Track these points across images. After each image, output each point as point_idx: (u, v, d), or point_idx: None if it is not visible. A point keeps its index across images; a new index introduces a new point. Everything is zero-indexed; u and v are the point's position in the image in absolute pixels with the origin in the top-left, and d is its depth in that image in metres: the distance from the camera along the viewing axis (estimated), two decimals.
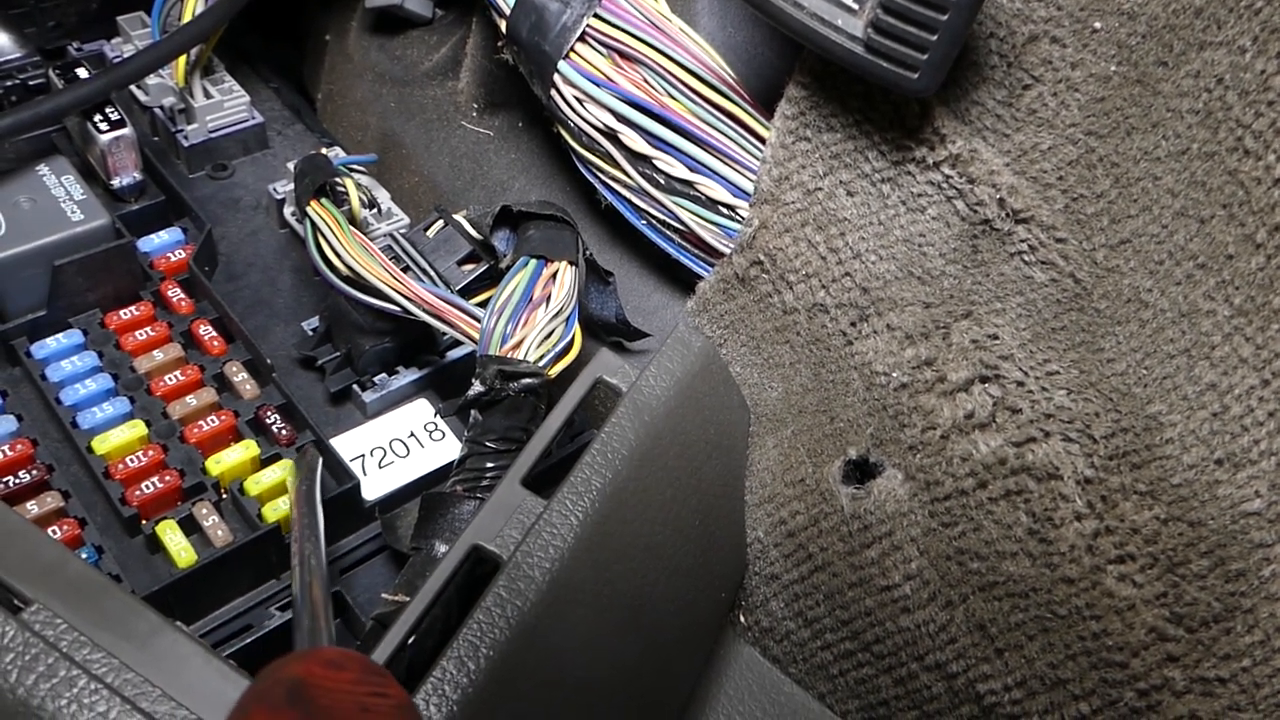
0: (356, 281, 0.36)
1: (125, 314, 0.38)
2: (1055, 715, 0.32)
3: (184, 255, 0.41)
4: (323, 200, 0.37)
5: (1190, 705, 0.30)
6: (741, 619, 0.39)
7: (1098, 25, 0.32)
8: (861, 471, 0.35)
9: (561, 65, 0.39)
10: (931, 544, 0.33)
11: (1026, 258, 0.34)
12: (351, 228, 0.36)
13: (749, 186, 0.38)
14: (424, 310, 0.35)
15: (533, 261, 0.36)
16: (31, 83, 0.42)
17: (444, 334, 0.37)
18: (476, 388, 0.33)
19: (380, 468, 0.37)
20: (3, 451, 0.34)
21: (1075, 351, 0.33)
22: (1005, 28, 0.33)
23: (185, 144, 0.45)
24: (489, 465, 0.33)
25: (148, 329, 0.38)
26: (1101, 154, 0.33)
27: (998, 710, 0.33)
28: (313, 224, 0.36)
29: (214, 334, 0.38)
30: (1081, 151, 0.33)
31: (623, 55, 0.39)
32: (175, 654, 0.26)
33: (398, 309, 0.35)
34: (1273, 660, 0.29)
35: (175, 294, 0.39)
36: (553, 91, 0.40)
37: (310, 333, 0.40)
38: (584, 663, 0.31)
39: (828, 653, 0.37)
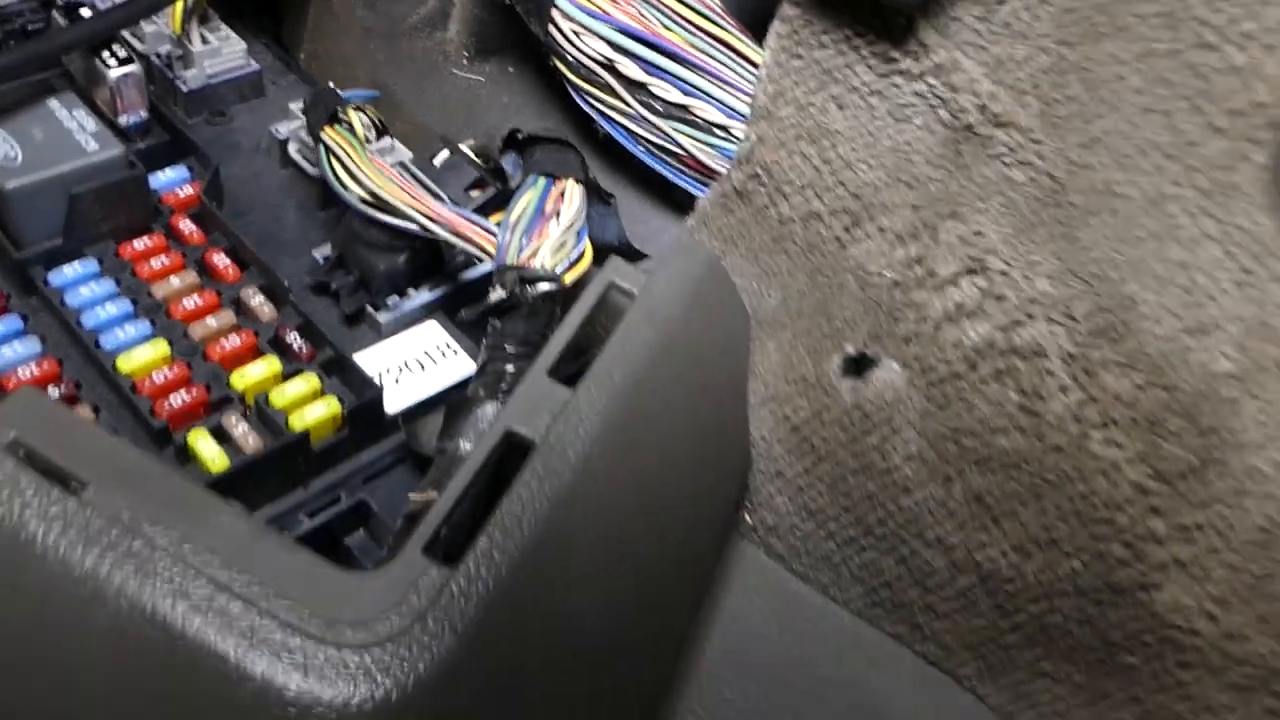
0: (373, 202, 0.37)
1: (139, 244, 0.39)
2: (1048, 573, 0.34)
3: (191, 191, 0.41)
4: (336, 126, 0.38)
5: (1172, 551, 0.33)
6: (747, 518, 0.41)
7: None
8: (859, 365, 0.37)
9: (559, 1, 0.41)
10: (928, 426, 0.36)
11: (1006, 159, 0.36)
12: (366, 151, 0.38)
13: (741, 108, 0.40)
14: (442, 227, 0.37)
15: (542, 179, 0.38)
16: (30, 27, 0.43)
17: (459, 251, 0.38)
18: (497, 294, 0.35)
19: (397, 383, 0.38)
20: (30, 370, 0.34)
21: (1054, 243, 0.36)
22: None
23: (184, 89, 0.46)
24: (509, 368, 0.35)
25: (162, 257, 0.39)
26: (1072, 60, 0.35)
27: (995, 575, 0.35)
28: (328, 149, 0.38)
29: (228, 262, 0.39)
30: (1054, 59, 0.36)
31: None
32: (234, 528, 0.27)
33: (416, 226, 0.37)
34: (1244, 503, 0.32)
35: (186, 226, 0.40)
36: (550, 27, 0.42)
37: (321, 261, 0.41)
38: (609, 547, 0.32)
39: (830, 542, 0.39)
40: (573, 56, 0.42)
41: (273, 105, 0.48)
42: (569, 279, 0.36)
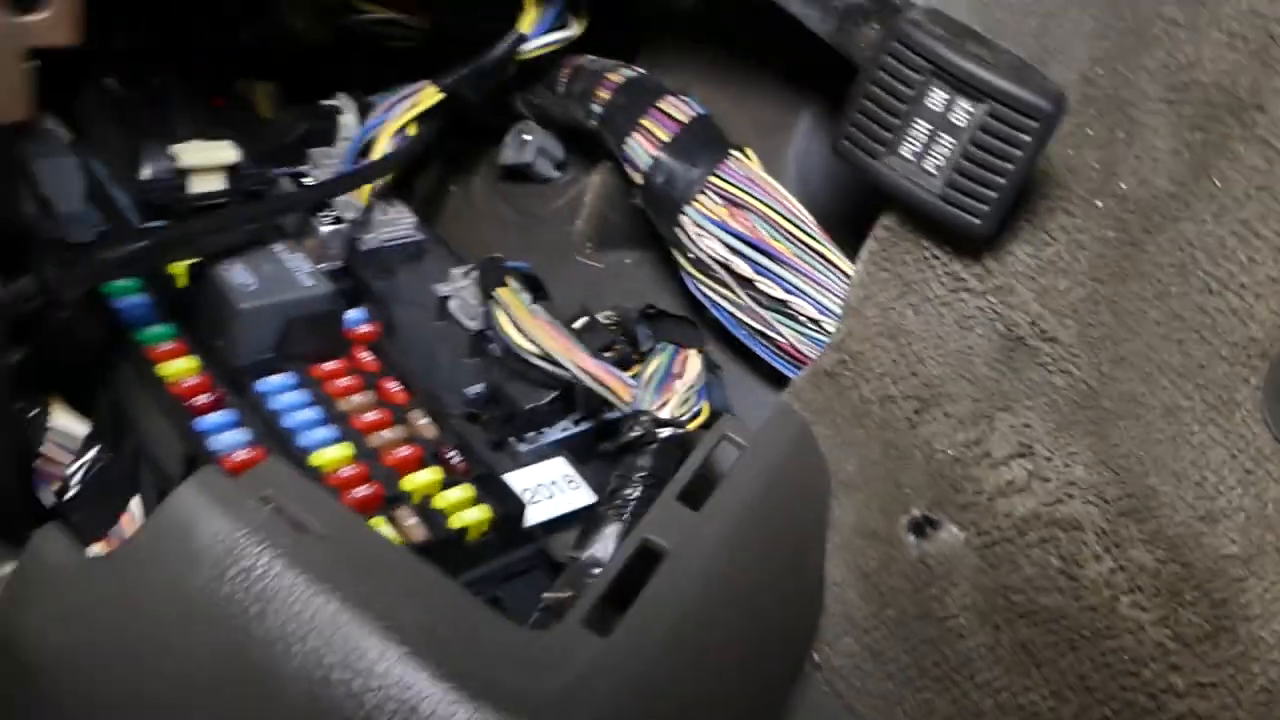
0: (532, 351, 0.45)
1: (328, 366, 0.47)
2: (1083, 717, 0.40)
3: (369, 329, 0.50)
4: (505, 288, 0.47)
5: (1190, 704, 0.38)
6: (815, 656, 0.46)
7: (1099, 204, 0.45)
8: (923, 526, 0.44)
9: (687, 208, 0.51)
10: (981, 581, 0.42)
11: (1050, 367, 0.45)
12: (532, 307, 0.46)
13: (831, 306, 0.49)
14: (588, 375, 0.45)
15: (670, 346, 0.46)
16: (252, 187, 0.53)
17: (590, 400, 0.46)
18: (633, 433, 0.43)
19: (531, 504, 0.45)
20: (244, 454, 0.42)
21: (1089, 438, 0.43)
22: (1031, 202, 0.46)
23: (361, 249, 0.55)
24: (636, 495, 0.42)
25: (346, 379, 0.47)
26: (1104, 294, 0.44)
27: (1036, 715, 0.41)
28: (500, 303, 0.46)
29: (398, 388, 0.47)
30: (1089, 291, 0.45)
31: (734, 204, 0.51)
32: (437, 580, 0.33)
33: (568, 373, 0.45)
34: (1250, 666, 0.38)
35: (365, 356, 0.48)
36: (676, 229, 0.51)
37: (473, 396, 0.49)
38: (717, 650, 0.38)
39: (890, 682, 0.44)
40: (693, 254, 0.51)
41: (429, 269, 0.57)
42: (692, 426, 0.43)
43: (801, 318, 0.49)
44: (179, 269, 0.47)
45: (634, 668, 0.33)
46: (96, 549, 0.40)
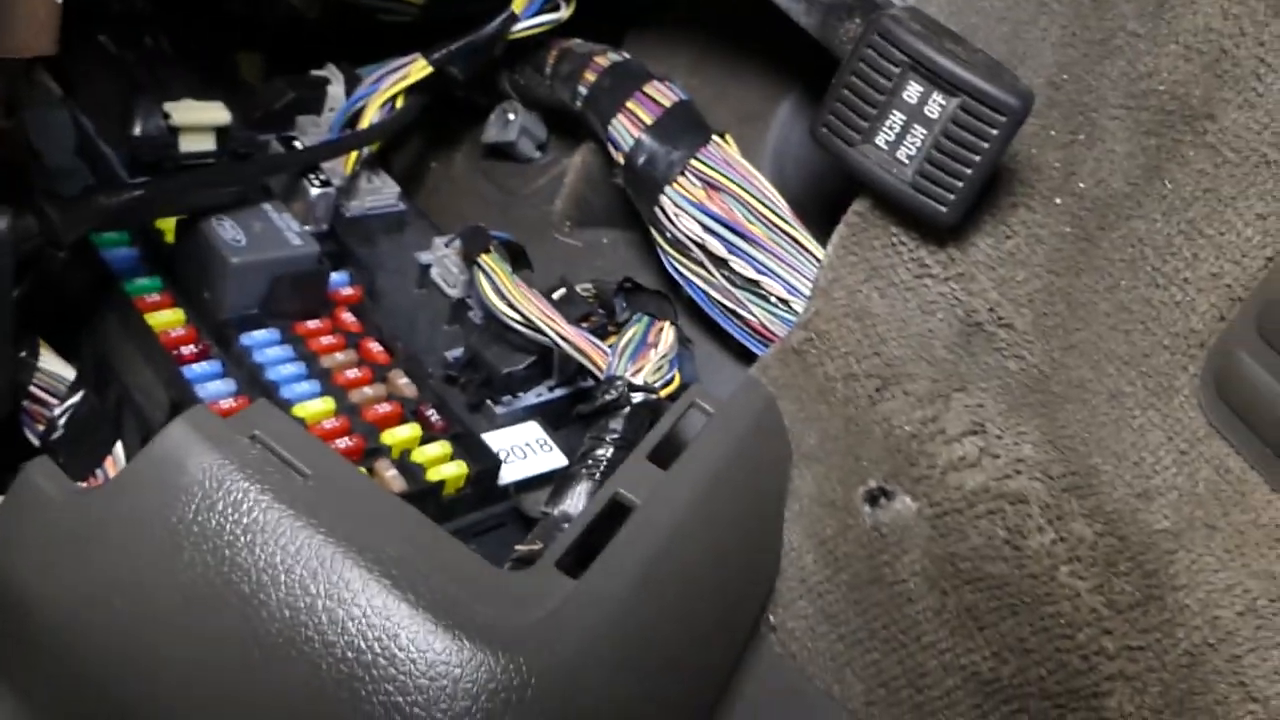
0: (514, 316, 0.47)
1: (311, 324, 0.48)
2: (1020, 677, 0.42)
3: (351, 292, 0.51)
4: (489, 255, 0.49)
5: (1119, 665, 0.41)
6: (771, 618, 0.48)
7: (1058, 201, 0.47)
8: (879, 496, 0.47)
9: (667, 189, 0.53)
10: (932, 549, 0.45)
11: (1005, 352, 0.47)
12: (513, 275, 0.48)
13: (801, 287, 0.51)
14: (567, 341, 0.46)
15: (646, 317, 0.48)
16: (240, 150, 0.54)
17: (566, 366, 0.48)
18: (608, 397, 0.44)
19: (505, 464, 0.47)
20: (230, 403, 0.43)
21: (1038, 419, 0.46)
22: (996, 196, 0.48)
23: (346, 215, 0.56)
24: (607, 455, 0.44)
25: (329, 337, 0.48)
26: (1058, 286, 0.47)
27: (977, 677, 0.43)
28: (483, 270, 0.48)
29: (379, 349, 0.48)
30: (1045, 283, 0.47)
31: (712, 186, 0.53)
32: (420, 519, 0.35)
33: (548, 339, 0.46)
34: (1176, 632, 0.41)
35: (348, 316, 0.50)
36: (655, 208, 0.53)
37: (453, 360, 0.50)
38: (680, 598, 0.40)
39: (841, 644, 0.47)
40: (670, 233, 0.53)
41: (411, 238, 0.58)
42: (664, 394, 0.45)
43: (772, 297, 0.51)
44: (167, 225, 0.48)
45: (603, 608, 0.35)
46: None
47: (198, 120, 0.51)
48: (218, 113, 0.52)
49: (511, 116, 0.65)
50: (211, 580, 0.33)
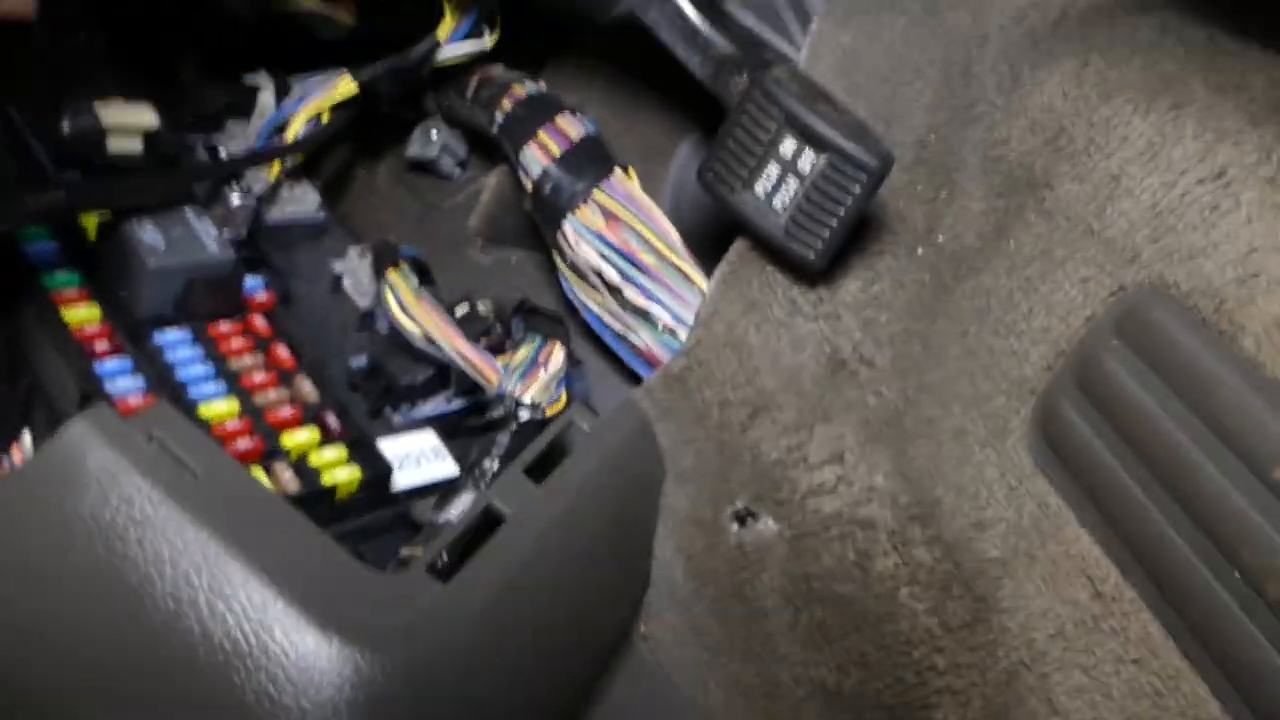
0: (415, 332, 0.50)
1: (223, 327, 0.51)
2: (862, 689, 0.47)
3: (264, 297, 0.54)
4: (395, 270, 0.52)
5: (947, 680, 0.45)
6: (641, 627, 0.52)
7: (920, 251, 0.52)
8: (744, 517, 0.51)
9: (569, 217, 0.56)
10: (789, 567, 0.49)
11: (865, 388, 0.51)
12: (418, 290, 0.51)
13: (686, 317, 0.55)
14: (462, 358, 0.50)
15: (538, 338, 0.51)
16: (165, 153, 0.56)
17: (464, 380, 0.51)
18: (496, 413, 0.48)
19: (398, 470, 0.50)
20: (137, 399, 0.45)
21: (891, 451, 0.50)
22: (864, 243, 0.52)
23: (267, 221, 0.59)
24: (493, 467, 0.47)
25: (239, 339, 0.51)
26: (915, 330, 0.51)
27: (823, 688, 0.47)
28: (390, 285, 0.51)
29: (287, 354, 0.51)
30: (904, 326, 0.52)
31: (612, 218, 0.56)
32: (298, 520, 0.38)
33: (445, 355, 0.49)
34: (997, 651, 0.45)
35: (259, 321, 0.52)
36: (558, 234, 0.57)
37: (356, 368, 0.53)
38: (545, 608, 0.44)
39: (705, 653, 0.51)
40: (570, 258, 0.56)
41: (327, 247, 0.61)
42: (550, 412, 0.49)
43: (659, 325, 0.55)
44: (89, 221, 0.51)
45: (469, 612, 0.39)
46: None
47: (126, 122, 0.53)
48: (146, 116, 0.54)
49: (434, 134, 0.68)
50: (101, 570, 0.36)
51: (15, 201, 0.44)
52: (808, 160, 0.48)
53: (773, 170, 0.49)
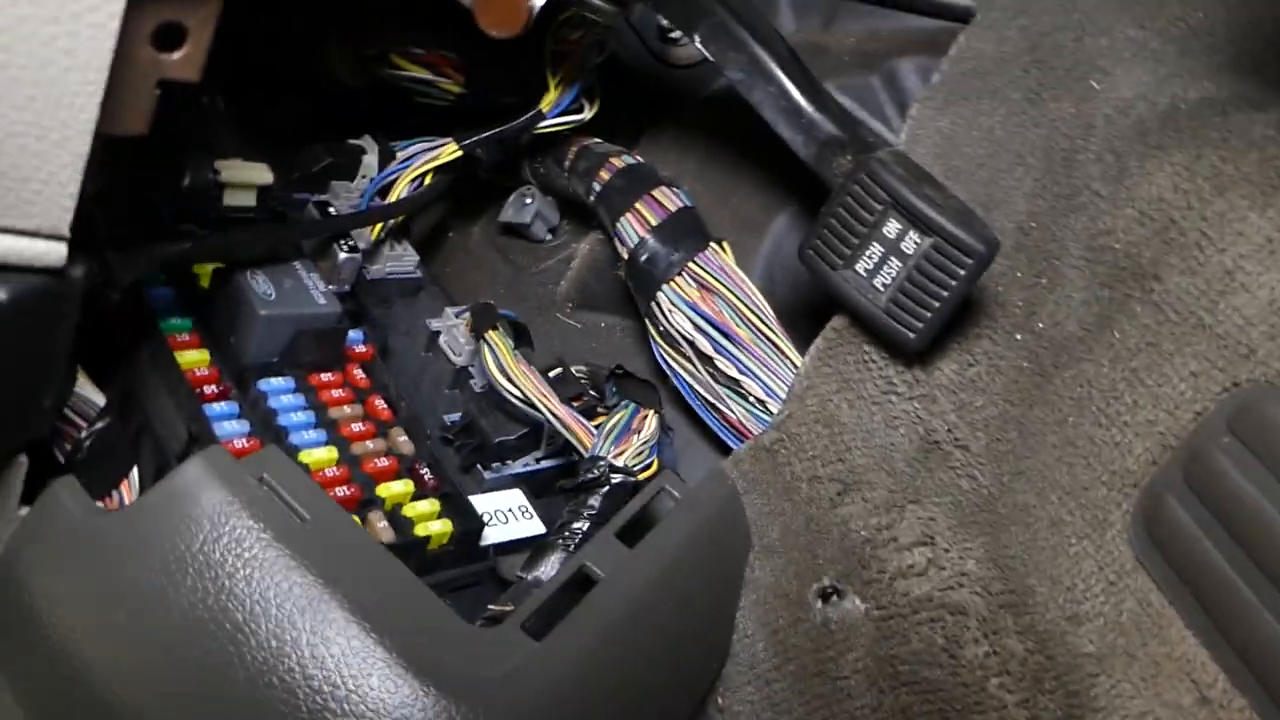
0: (512, 391, 0.51)
1: (325, 377, 0.52)
2: None
3: (364, 349, 0.55)
4: (495, 332, 0.53)
5: None
6: (719, 700, 0.51)
7: (1018, 337, 0.52)
8: (831, 594, 0.50)
9: (664, 287, 0.57)
10: (875, 649, 0.48)
11: (959, 471, 0.51)
12: (515, 352, 0.52)
13: (778, 390, 0.55)
14: (557, 419, 0.50)
15: (633, 404, 0.52)
16: (276, 208, 0.58)
17: (555, 441, 0.51)
18: (589, 475, 0.48)
19: (487, 526, 0.50)
20: (242, 443, 0.46)
21: (983, 537, 0.49)
22: (962, 327, 0.52)
23: (367, 277, 0.60)
24: (583, 529, 0.47)
25: (339, 390, 0.52)
26: (1012, 415, 0.51)
27: None
28: (488, 344, 0.52)
29: (384, 406, 0.52)
30: (1000, 411, 0.51)
31: (706, 289, 0.57)
32: (402, 573, 0.38)
33: (539, 414, 0.50)
34: None
35: (358, 373, 0.53)
36: (652, 303, 0.58)
37: (449, 423, 0.54)
38: (633, 672, 0.43)
39: None
40: (663, 327, 0.57)
41: (424, 305, 0.63)
42: (642, 477, 0.49)
43: (751, 397, 0.55)
44: (204, 270, 0.53)
45: (561, 670, 0.38)
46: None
47: (243, 178, 0.56)
48: (262, 173, 0.56)
49: (529, 200, 0.70)
50: (210, 606, 0.36)
51: (147, 254, 0.46)
52: (912, 242, 0.48)
53: (875, 251, 0.49)
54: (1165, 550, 0.45)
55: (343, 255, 0.55)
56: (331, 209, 0.58)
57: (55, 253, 0.36)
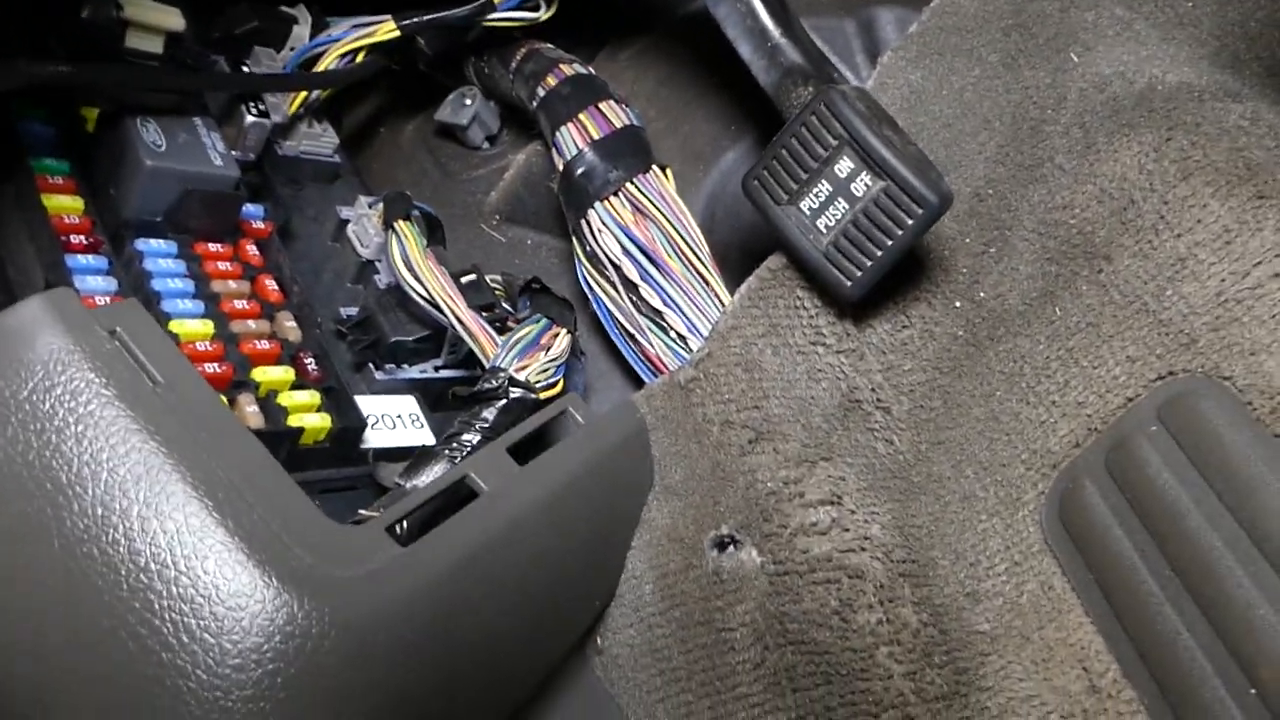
0: (416, 288, 0.47)
1: (213, 247, 0.47)
2: None
3: (262, 226, 0.50)
4: (406, 222, 0.49)
5: None
6: (598, 640, 0.48)
7: (958, 304, 0.49)
8: (726, 543, 0.47)
9: (597, 205, 0.53)
10: (765, 604, 0.45)
11: (876, 434, 0.48)
12: (426, 248, 0.48)
13: (701, 327, 0.52)
14: (462, 324, 0.46)
15: (544, 319, 0.48)
16: (189, 61, 0.53)
17: (463, 345, 0.48)
18: (487, 385, 0.44)
19: (371, 429, 0.46)
20: (104, 300, 0.42)
21: (891, 503, 0.47)
22: (901, 286, 0.50)
23: (279, 152, 0.56)
24: (473, 441, 0.44)
25: (226, 263, 0.47)
26: (940, 384, 0.49)
27: None
28: (397, 236, 0.48)
29: (275, 288, 0.48)
30: (929, 377, 0.49)
31: (641, 213, 0.54)
32: (261, 453, 0.34)
33: (444, 316, 0.46)
34: None
35: (251, 249, 0.49)
36: (582, 220, 0.54)
37: (346, 316, 0.50)
38: (505, 594, 0.40)
39: (660, 678, 0.47)
40: (590, 247, 0.53)
41: (337, 192, 0.58)
42: (543, 396, 0.45)
43: (672, 331, 0.52)
44: (90, 114, 0.47)
45: (423, 580, 0.35)
46: None
47: (150, 20, 0.50)
48: (172, 18, 0.51)
49: (468, 102, 0.65)
50: (30, 461, 0.32)
51: (14, 69, 0.41)
52: (863, 184, 0.45)
53: (823, 189, 0.46)
54: (1075, 535, 0.43)
55: (250, 119, 0.51)
56: (245, 69, 0.53)
57: None
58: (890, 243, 0.45)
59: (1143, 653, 0.39)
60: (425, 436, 0.48)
